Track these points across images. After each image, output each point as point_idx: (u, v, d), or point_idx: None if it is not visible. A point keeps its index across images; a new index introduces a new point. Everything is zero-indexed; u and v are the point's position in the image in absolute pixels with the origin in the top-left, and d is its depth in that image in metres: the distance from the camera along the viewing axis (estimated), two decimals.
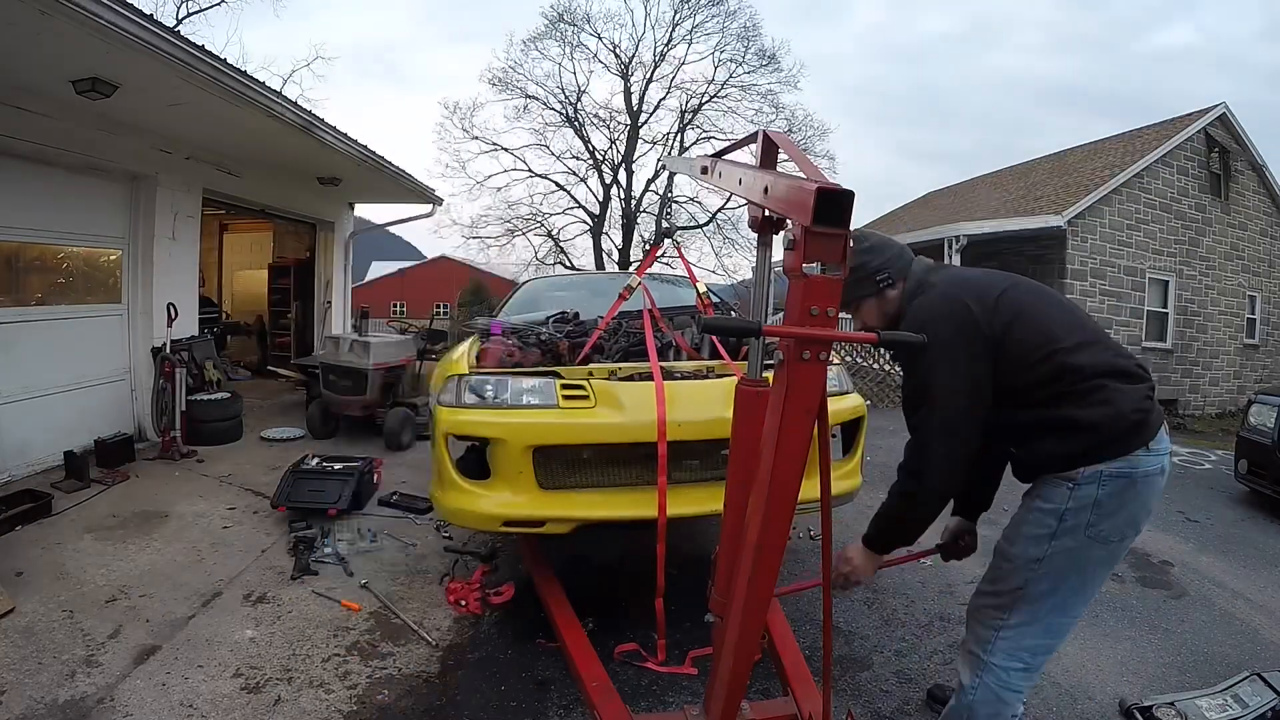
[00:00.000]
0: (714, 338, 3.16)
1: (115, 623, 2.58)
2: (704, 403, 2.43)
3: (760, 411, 1.41)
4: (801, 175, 1.33)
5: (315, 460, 4.02)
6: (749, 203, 1.58)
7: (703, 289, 3.50)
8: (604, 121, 22.89)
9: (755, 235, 1.72)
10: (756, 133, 1.76)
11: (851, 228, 1.19)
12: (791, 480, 1.34)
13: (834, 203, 1.16)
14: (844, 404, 2.70)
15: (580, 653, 2.19)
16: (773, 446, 1.30)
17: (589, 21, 22.47)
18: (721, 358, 3.02)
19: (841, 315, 1.40)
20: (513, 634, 2.66)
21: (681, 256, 3.97)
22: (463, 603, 2.82)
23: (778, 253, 1.49)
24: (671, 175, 20.49)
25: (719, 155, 1.97)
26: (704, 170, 1.88)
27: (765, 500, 1.33)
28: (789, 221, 1.25)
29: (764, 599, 1.45)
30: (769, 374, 1.41)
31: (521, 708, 2.20)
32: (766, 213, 1.52)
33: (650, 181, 23.13)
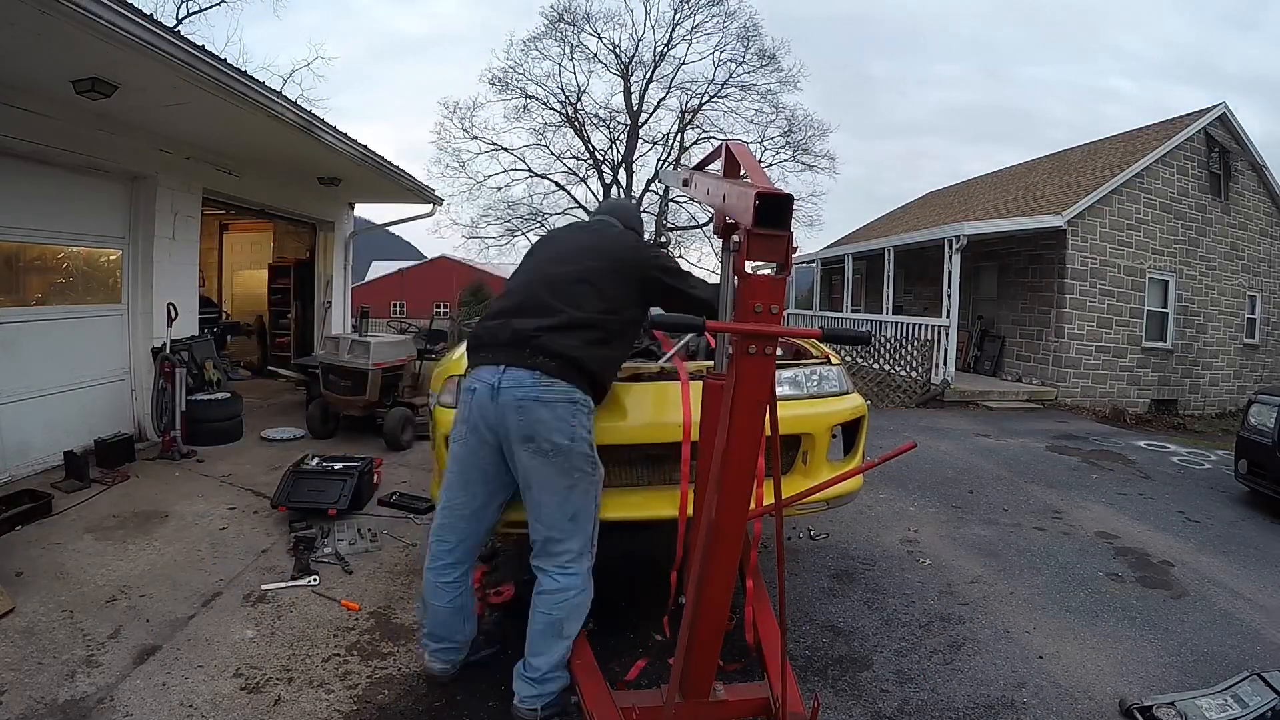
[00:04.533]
0: (710, 341, 3.18)
1: (115, 623, 2.58)
2: None
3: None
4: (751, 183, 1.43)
5: (315, 460, 4.02)
6: (714, 210, 1.72)
7: None
8: (604, 121, 22.99)
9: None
10: (721, 145, 1.89)
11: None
12: (745, 466, 1.44)
13: (774, 206, 1.24)
14: (844, 404, 2.69)
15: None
16: (725, 435, 1.40)
17: (589, 21, 22.57)
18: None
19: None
20: (513, 634, 2.66)
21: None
22: None
23: None
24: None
25: (698, 168, 2.12)
26: (685, 183, 2.02)
27: (720, 484, 1.44)
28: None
29: (723, 579, 1.59)
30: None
31: None
32: (728, 219, 1.65)
33: (650, 181, 23.17)
